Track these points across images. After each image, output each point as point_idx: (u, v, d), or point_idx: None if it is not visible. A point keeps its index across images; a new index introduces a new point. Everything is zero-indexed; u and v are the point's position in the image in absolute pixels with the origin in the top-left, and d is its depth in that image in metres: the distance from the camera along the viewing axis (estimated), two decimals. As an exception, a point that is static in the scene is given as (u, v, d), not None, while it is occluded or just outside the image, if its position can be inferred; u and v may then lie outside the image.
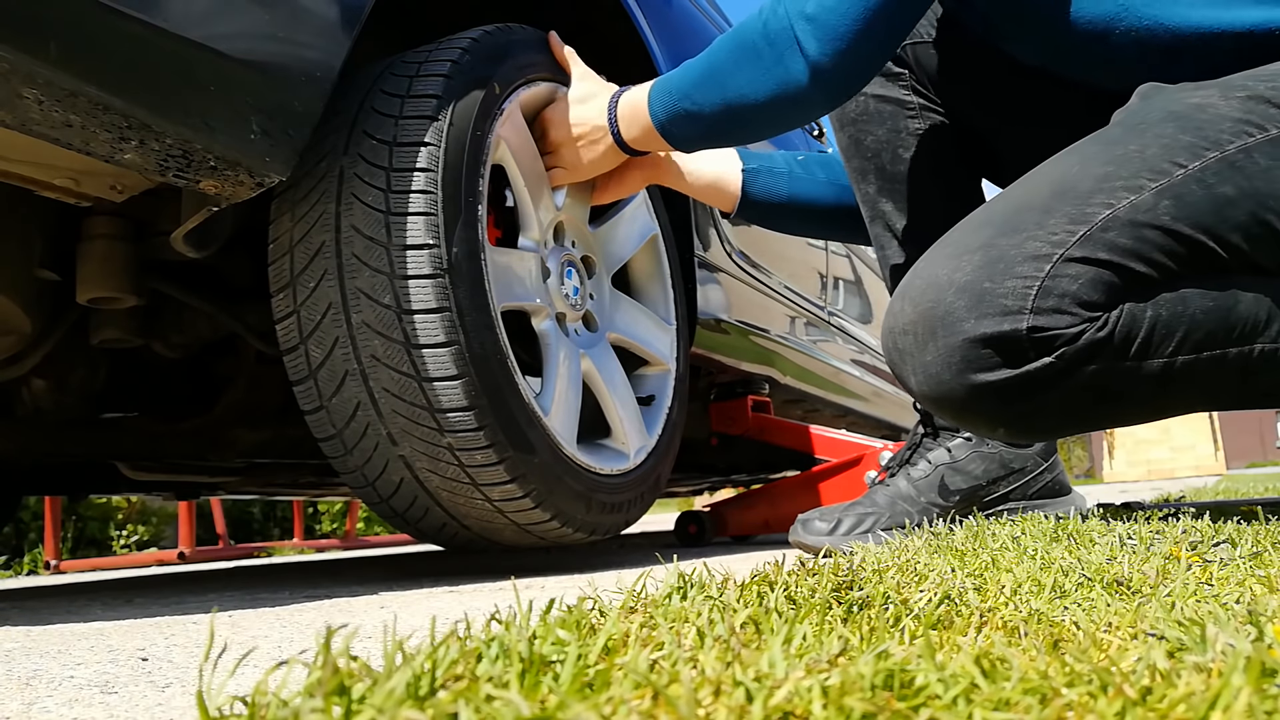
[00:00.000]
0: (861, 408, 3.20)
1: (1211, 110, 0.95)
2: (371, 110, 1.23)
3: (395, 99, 1.24)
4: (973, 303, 0.92)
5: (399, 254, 1.17)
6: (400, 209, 1.18)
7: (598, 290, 1.60)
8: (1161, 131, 0.95)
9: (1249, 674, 0.31)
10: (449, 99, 1.24)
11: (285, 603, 1.23)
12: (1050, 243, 0.91)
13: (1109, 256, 0.90)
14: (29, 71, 0.82)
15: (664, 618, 0.50)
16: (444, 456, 1.22)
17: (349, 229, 1.18)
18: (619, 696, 0.32)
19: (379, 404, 1.21)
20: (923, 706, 0.32)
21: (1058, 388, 0.91)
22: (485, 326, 1.23)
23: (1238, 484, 4.55)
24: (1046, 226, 0.92)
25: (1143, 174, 0.92)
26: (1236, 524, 0.95)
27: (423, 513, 1.32)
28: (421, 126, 1.21)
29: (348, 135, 1.22)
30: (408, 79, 1.25)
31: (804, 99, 1.16)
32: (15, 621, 1.16)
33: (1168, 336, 0.91)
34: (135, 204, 1.26)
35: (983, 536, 0.97)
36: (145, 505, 7.49)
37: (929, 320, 0.95)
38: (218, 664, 0.68)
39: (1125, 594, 0.61)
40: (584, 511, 1.38)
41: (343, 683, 0.33)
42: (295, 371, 1.26)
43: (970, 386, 0.93)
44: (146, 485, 2.39)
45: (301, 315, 1.22)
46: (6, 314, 1.43)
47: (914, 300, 0.98)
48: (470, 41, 1.31)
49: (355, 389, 1.21)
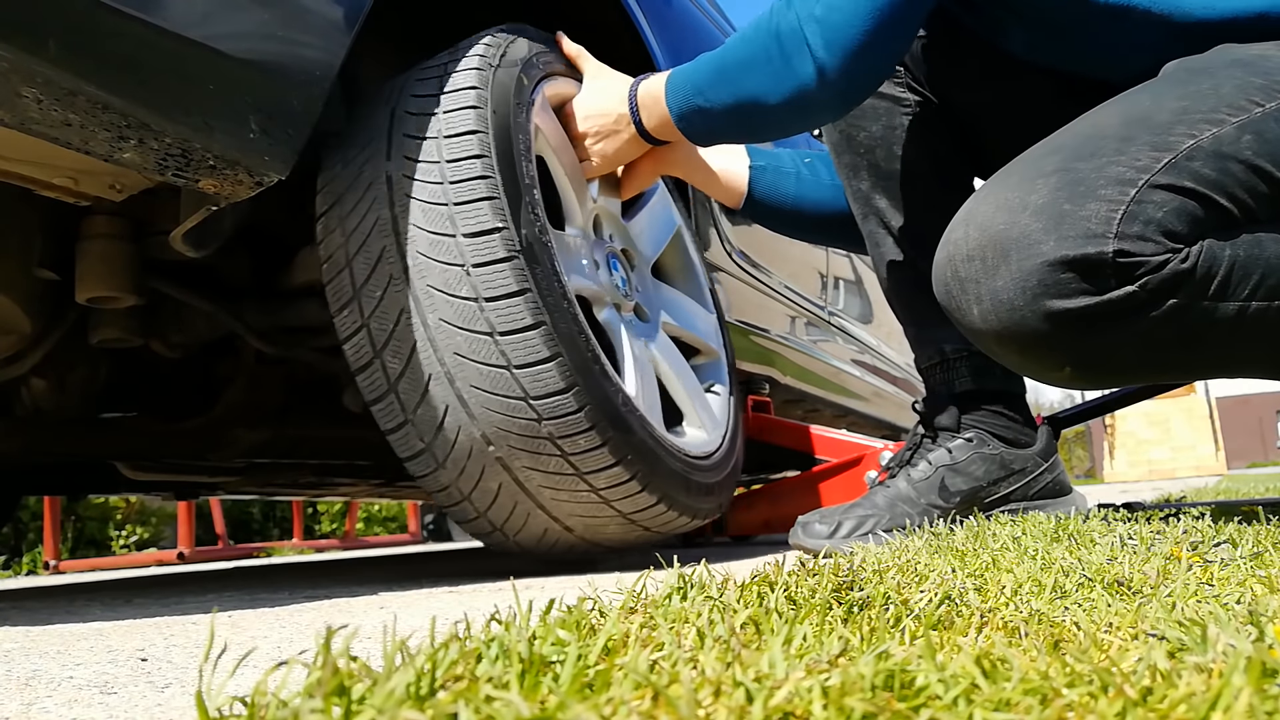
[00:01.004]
0: (862, 408, 3.20)
1: (1275, 60, 0.94)
2: (406, 115, 1.23)
3: (430, 99, 1.23)
4: (1052, 224, 0.88)
5: (470, 242, 1.14)
6: (463, 198, 1.15)
7: (642, 282, 1.59)
8: (1231, 74, 0.93)
9: (1250, 674, 0.31)
10: (486, 89, 1.23)
11: (285, 603, 1.23)
12: (1134, 168, 0.88)
13: (1194, 186, 0.87)
14: (28, 70, 0.82)
15: (664, 618, 0.50)
16: (545, 448, 1.17)
17: (410, 229, 1.16)
18: (619, 697, 0.32)
19: (469, 404, 1.16)
20: (923, 707, 0.32)
21: (1136, 321, 0.88)
22: (565, 305, 1.19)
23: (1238, 484, 4.55)
24: (1128, 153, 0.89)
25: (1221, 109, 0.90)
26: (1237, 524, 0.95)
27: (523, 520, 1.27)
28: (466, 117, 1.20)
29: (386, 143, 1.21)
30: (437, 79, 1.25)
31: (813, 102, 1.15)
32: (14, 621, 1.16)
33: (1245, 278, 0.88)
34: (134, 203, 1.26)
35: (983, 537, 0.97)
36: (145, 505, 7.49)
37: (1001, 243, 0.90)
38: (217, 664, 0.68)
39: (1126, 594, 0.61)
40: (684, 494, 1.35)
41: (343, 683, 0.33)
42: (372, 389, 1.21)
43: (1047, 314, 0.88)
44: (146, 485, 2.39)
45: (372, 328, 1.19)
46: (6, 314, 1.43)
47: (981, 224, 0.93)
48: (489, 40, 1.31)
49: (441, 393, 1.17)
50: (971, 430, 1.41)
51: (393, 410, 1.21)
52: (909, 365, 3.86)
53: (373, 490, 3.18)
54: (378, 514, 8.42)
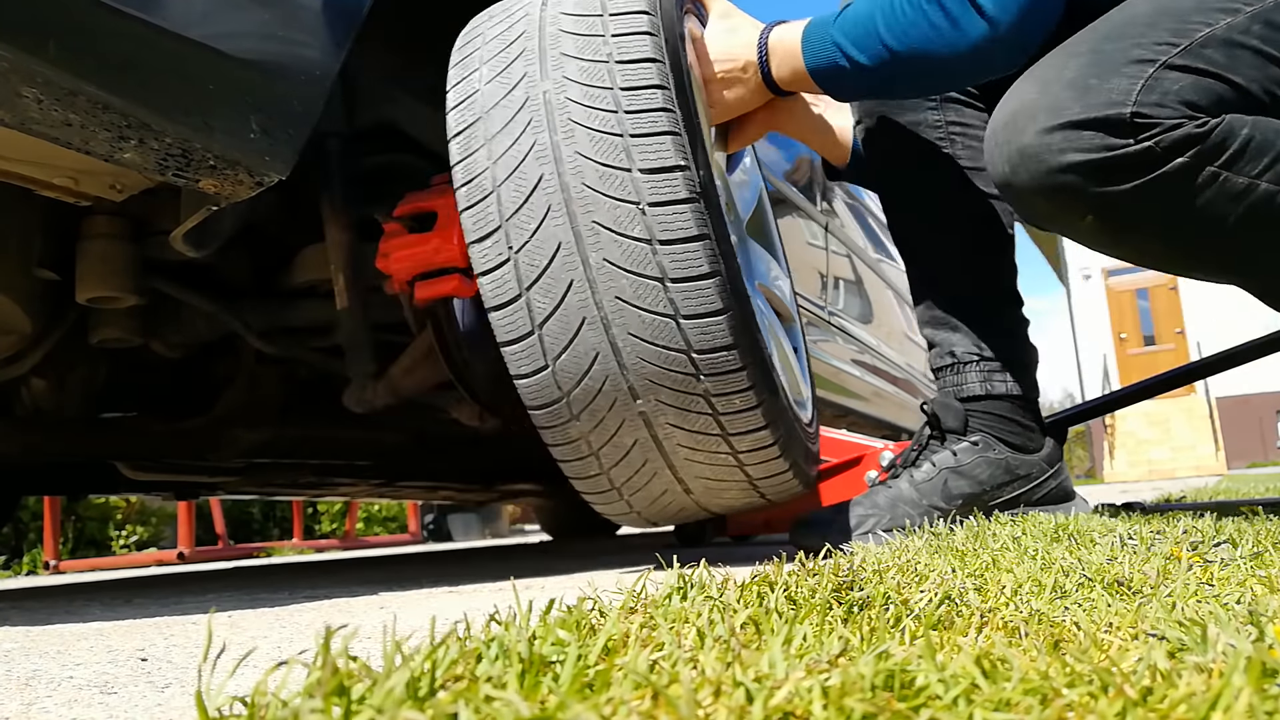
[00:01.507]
0: (862, 408, 3.20)
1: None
2: (562, 33, 1.12)
3: (593, 18, 1.13)
4: (1078, 94, 1.01)
5: (648, 179, 1.05)
6: (642, 130, 1.06)
7: (742, 241, 1.51)
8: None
9: (1250, 674, 0.31)
10: (656, 16, 1.14)
11: (285, 603, 1.23)
12: (1153, 50, 1.01)
13: (1207, 68, 1.00)
14: (29, 70, 0.82)
15: (664, 618, 0.50)
16: (696, 405, 1.11)
17: (574, 158, 1.06)
18: (619, 697, 0.32)
19: (622, 353, 1.08)
20: (923, 707, 0.32)
21: (1151, 178, 0.99)
22: (732, 255, 1.12)
23: (1238, 484, 4.55)
24: (1150, 37, 1.02)
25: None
26: (1237, 524, 0.95)
27: (647, 479, 1.20)
28: (643, 43, 1.11)
29: (539, 62, 1.11)
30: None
31: (981, 57, 1.16)
32: (14, 622, 1.16)
33: (1257, 156, 0.99)
34: (135, 203, 1.26)
35: (983, 537, 0.97)
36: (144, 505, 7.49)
37: (1032, 109, 1.04)
38: (217, 664, 0.68)
39: (1126, 594, 0.61)
40: (805, 460, 1.31)
41: (342, 683, 0.33)
42: (511, 329, 1.11)
43: (1068, 165, 1.01)
44: (146, 485, 2.39)
45: (520, 263, 1.09)
46: (6, 313, 1.43)
47: (1019, 96, 1.07)
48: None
49: (594, 338, 1.08)
50: (978, 434, 1.40)
51: (532, 354, 1.11)
52: (909, 365, 3.86)
53: (373, 490, 3.18)
54: (378, 514, 8.42)
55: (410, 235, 1.43)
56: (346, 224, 1.45)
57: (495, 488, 3.73)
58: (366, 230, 1.50)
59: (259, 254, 1.64)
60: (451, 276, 1.40)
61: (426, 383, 1.57)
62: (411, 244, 1.41)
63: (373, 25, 1.21)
